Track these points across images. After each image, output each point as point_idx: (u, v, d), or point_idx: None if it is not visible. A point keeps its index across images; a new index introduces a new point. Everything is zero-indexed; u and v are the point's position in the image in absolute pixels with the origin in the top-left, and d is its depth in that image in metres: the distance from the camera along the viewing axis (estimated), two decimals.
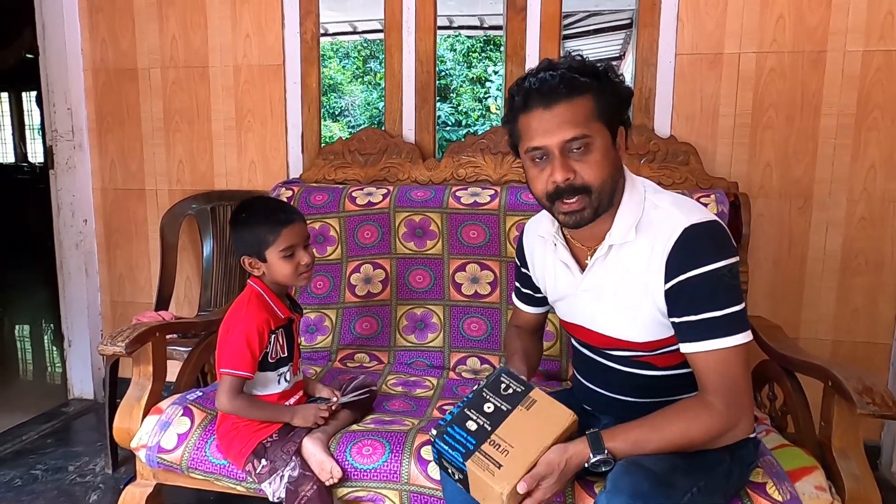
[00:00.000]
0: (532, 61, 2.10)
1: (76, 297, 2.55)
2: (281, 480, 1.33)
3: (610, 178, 1.06)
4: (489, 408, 1.06)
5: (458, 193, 1.94)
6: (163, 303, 2.27)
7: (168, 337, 1.68)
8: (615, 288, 1.11)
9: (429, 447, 1.34)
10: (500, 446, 1.02)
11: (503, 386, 1.09)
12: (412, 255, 1.93)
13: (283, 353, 1.42)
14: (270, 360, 1.40)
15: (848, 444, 1.23)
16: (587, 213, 1.06)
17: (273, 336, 1.39)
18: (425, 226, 1.92)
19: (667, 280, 1.05)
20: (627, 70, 2.20)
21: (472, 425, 1.04)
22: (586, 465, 1.04)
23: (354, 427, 1.44)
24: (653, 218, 1.07)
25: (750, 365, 1.06)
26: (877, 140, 1.92)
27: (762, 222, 2.01)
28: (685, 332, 1.05)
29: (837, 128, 1.94)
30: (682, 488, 1.00)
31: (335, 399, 1.45)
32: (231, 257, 2.29)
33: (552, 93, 1.03)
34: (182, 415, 1.50)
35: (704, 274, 1.02)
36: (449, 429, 1.05)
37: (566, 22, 2.17)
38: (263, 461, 1.35)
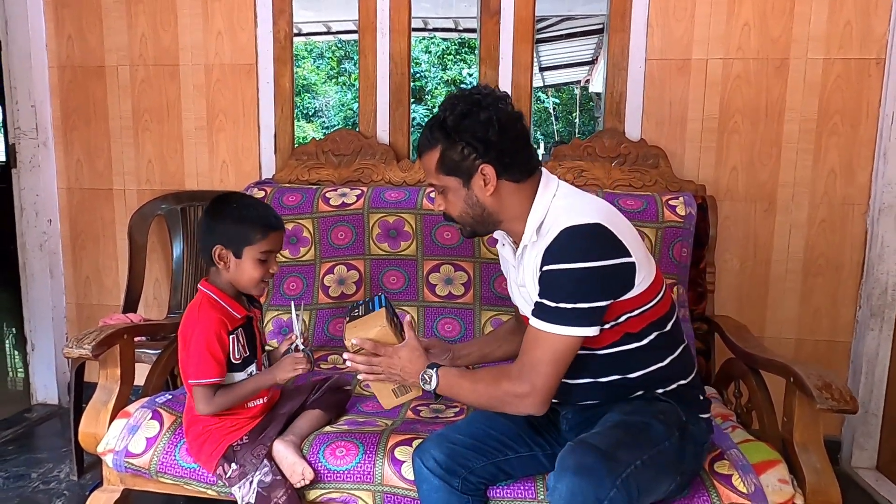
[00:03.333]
0: (506, 64, 2.12)
1: (40, 299, 2.48)
2: (251, 485, 1.31)
3: (467, 214, 1.24)
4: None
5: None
6: (131, 305, 2.22)
7: (136, 339, 1.65)
8: (529, 282, 1.23)
9: (403, 448, 1.35)
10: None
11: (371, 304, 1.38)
12: (386, 257, 1.93)
13: (246, 353, 1.40)
14: (235, 361, 1.38)
15: (808, 438, 1.27)
16: (465, 231, 1.30)
17: (232, 336, 1.37)
18: (399, 227, 1.92)
19: (539, 271, 1.16)
20: (600, 74, 2.24)
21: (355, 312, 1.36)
22: (422, 385, 1.23)
23: (327, 428, 1.44)
24: (550, 221, 1.18)
25: (560, 358, 1.13)
26: (837, 145, 1.99)
27: (728, 224, 2.06)
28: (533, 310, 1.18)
29: (800, 133, 2.00)
30: (626, 461, 1.06)
31: (295, 341, 1.41)
32: (202, 258, 2.24)
33: (419, 145, 1.25)
34: (151, 418, 1.47)
35: (558, 270, 1.12)
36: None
37: (540, 26, 2.20)
38: (234, 465, 1.33)
